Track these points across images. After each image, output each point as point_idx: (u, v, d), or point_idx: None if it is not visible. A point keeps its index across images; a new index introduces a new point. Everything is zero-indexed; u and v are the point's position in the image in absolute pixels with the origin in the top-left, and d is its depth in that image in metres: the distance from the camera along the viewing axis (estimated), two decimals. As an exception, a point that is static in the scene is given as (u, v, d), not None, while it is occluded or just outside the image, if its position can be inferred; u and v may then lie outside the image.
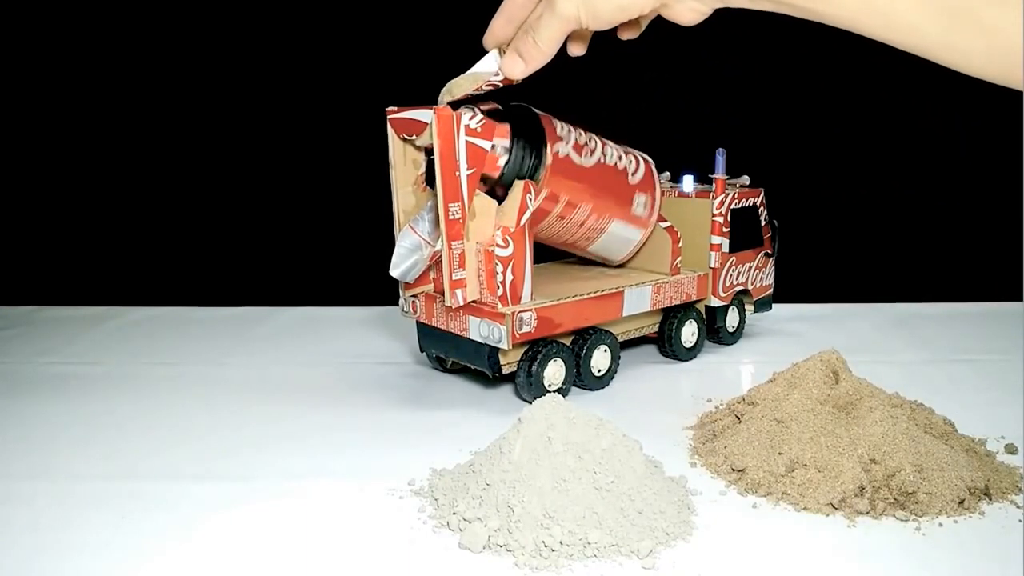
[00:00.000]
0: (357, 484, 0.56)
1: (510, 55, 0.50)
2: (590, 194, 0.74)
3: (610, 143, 0.77)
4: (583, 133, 0.74)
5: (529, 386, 0.71)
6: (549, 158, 0.70)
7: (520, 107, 0.72)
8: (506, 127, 0.68)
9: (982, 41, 0.37)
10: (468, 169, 0.65)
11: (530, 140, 0.70)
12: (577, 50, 0.51)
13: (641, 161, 0.80)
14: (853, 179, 1.13)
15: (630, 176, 0.78)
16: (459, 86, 0.62)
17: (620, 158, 0.77)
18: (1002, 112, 1.03)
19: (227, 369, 0.85)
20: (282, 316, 1.08)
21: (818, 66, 1.08)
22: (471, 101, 0.66)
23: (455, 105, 0.64)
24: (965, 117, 1.09)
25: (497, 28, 0.52)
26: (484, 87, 0.60)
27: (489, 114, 0.67)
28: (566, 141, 0.72)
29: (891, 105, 1.10)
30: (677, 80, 1.09)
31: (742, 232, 0.88)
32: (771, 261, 0.94)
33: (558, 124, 0.72)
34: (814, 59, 1.07)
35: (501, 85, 0.59)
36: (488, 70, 0.57)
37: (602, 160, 0.75)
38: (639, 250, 0.84)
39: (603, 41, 0.51)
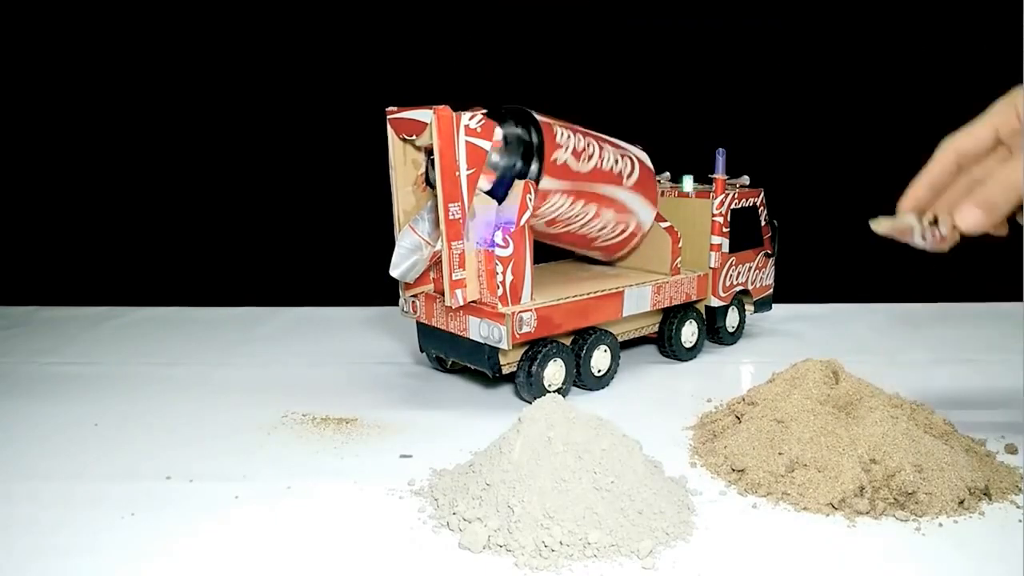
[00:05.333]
0: (357, 484, 0.57)
1: (969, 208, 0.49)
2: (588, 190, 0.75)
3: (608, 146, 0.77)
4: (583, 138, 0.74)
5: (529, 386, 0.71)
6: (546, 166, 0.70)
7: (524, 114, 0.71)
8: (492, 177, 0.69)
9: None
10: (468, 169, 0.65)
11: (521, 146, 0.70)
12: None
13: (636, 163, 0.80)
14: (853, 179, 1.12)
15: (625, 180, 0.79)
16: None
17: (616, 162, 0.78)
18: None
19: (228, 369, 0.85)
20: (283, 316, 1.08)
21: (818, 66, 1.08)
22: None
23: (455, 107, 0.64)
24: (964, 116, 1.09)
25: (920, 194, 0.52)
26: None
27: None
28: (565, 148, 0.72)
29: (891, 105, 1.10)
30: (677, 80, 1.09)
31: (742, 232, 0.88)
32: (771, 261, 0.94)
33: (559, 130, 0.72)
34: (814, 59, 1.07)
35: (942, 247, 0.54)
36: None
37: (599, 166, 0.75)
38: (639, 244, 0.84)
39: (603, 41, 0.51)
